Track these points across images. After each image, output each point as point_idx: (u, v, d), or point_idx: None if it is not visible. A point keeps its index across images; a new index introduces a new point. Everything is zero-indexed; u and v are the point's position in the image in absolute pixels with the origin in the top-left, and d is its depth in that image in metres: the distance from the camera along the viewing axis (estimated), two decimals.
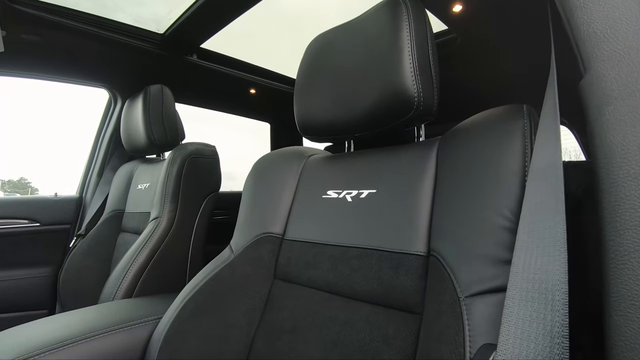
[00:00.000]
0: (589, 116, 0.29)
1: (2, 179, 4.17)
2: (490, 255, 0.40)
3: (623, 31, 0.27)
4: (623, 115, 0.26)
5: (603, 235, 0.28)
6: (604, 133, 0.27)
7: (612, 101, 0.27)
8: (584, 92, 0.30)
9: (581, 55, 0.30)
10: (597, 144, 0.28)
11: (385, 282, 0.52)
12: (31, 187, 6.42)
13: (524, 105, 0.45)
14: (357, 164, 0.66)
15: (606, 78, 0.28)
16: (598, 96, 0.28)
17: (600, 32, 0.28)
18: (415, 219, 0.52)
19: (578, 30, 0.30)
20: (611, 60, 0.27)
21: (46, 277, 1.33)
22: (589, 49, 0.29)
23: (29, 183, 6.36)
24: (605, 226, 0.27)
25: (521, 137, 0.42)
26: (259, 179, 0.78)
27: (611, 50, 0.28)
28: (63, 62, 1.24)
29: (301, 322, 0.60)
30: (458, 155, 0.50)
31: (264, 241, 0.71)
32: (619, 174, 0.26)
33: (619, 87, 0.27)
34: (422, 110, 0.55)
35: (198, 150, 1.15)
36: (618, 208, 0.26)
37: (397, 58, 0.55)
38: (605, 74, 0.28)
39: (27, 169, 6.18)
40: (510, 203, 0.40)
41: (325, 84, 0.65)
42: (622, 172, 0.26)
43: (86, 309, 0.80)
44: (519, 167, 0.41)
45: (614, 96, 0.27)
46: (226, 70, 1.47)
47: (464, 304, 0.38)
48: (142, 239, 1.00)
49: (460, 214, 0.45)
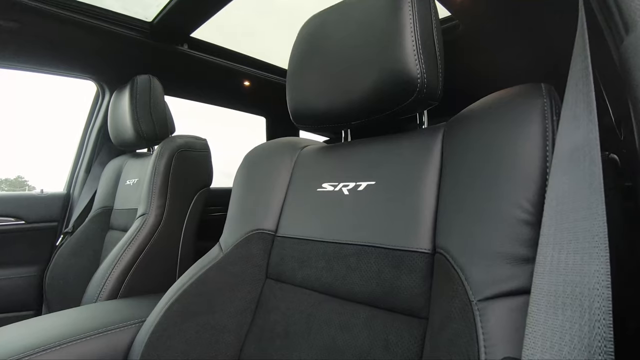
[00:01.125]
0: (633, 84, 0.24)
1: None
2: (507, 252, 0.35)
3: None
4: None
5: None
6: None
7: None
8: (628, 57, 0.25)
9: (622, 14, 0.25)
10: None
11: (386, 283, 0.47)
12: (28, 185, 6.31)
13: (542, 84, 0.40)
14: (355, 154, 0.60)
15: None
16: None
17: None
18: (418, 212, 0.47)
19: None
20: None
21: (32, 276, 1.28)
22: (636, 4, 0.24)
23: (26, 181, 6.29)
24: None
25: (540, 118, 0.37)
26: (250, 172, 0.73)
27: None
28: (45, 51, 1.18)
29: (294, 326, 0.55)
30: (467, 141, 0.44)
31: (254, 238, 0.66)
32: None
33: None
34: (426, 93, 0.50)
35: (187, 143, 1.09)
36: None
37: (398, 36, 0.49)
38: None
39: (24, 167, 6.04)
40: (529, 193, 0.35)
41: (319, 69, 0.60)
42: None
43: (65, 312, 0.75)
44: (538, 152, 0.36)
45: None
46: (219, 61, 1.41)
47: (477, 309, 0.33)
48: (127, 236, 0.95)
49: (471, 206, 0.40)
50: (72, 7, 1.05)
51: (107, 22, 1.12)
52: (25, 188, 2.11)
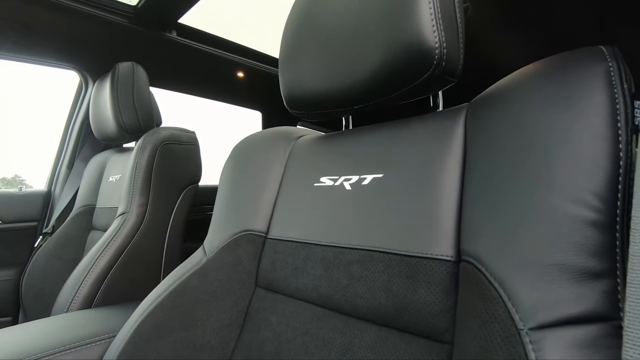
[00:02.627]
0: None
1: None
2: (567, 263, 0.26)
3: None
4: None
5: None
6: None
7: None
8: None
9: None
10: None
11: (398, 297, 0.38)
12: (25, 184, 6.26)
13: (603, 47, 0.31)
14: (358, 142, 0.52)
15: None
16: None
17: None
18: (437, 210, 0.38)
19: None
20: None
21: (9, 280, 1.19)
22: None
23: (24, 180, 6.21)
24: None
25: (606, 87, 0.28)
26: (238, 166, 0.65)
27: None
28: (20, 37, 1.08)
29: (287, 346, 0.47)
30: (500, 121, 0.36)
31: (242, 241, 0.57)
32: None
33: None
34: (444, 69, 0.41)
35: (173, 136, 1.00)
36: None
37: (410, 1, 0.41)
38: None
39: (21, 166, 5.93)
40: (595, 184, 0.26)
41: (316, 48, 0.52)
42: None
43: (29, 324, 0.66)
44: (606, 129, 0.27)
45: None
46: (210, 50, 1.32)
47: (529, 340, 0.25)
48: (104, 238, 0.86)
49: (509, 202, 0.31)
50: None
51: (88, 5, 1.03)
52: (23, 186, 2.01)
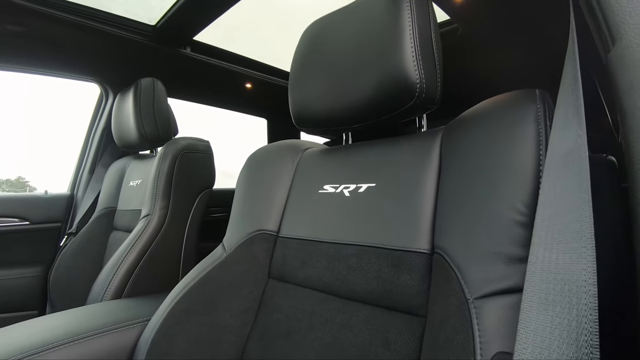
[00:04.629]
0: (620, 93, 0.26)
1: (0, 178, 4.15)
2: (502, 252, 0.36)
3: None
4: None
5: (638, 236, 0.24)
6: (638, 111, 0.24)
7: None
8: (613, 67, 0.26)
9: (608, 25, 0.27)
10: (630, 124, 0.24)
11: (386, 282, 0.48)
12: (29, 186, 6.34)
13: (536, 90, 0.41)
14: (355, 156, 0.62)
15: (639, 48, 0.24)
16: (630, 70, 0.25)
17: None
18: (417, 214, 0.48)
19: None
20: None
21: (36, 277, 1.29)
22: (619, 16, 0.25)
23: (27, 182, 6.32)
24: None
25: (534, 124, 0.38)
26: (253, 174, 0.75)
27: None
28: (50, 54, 1.20)
29: (296, 325, 0.56)
30: (464, 145, 0.46)
31: (257, 239, 0.67)
32: None
33: None
34: (425, 98, 0.51)
35: (191, 145, 1.10)
36: None
37: (397, 42, 0.51)
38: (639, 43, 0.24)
39: (25, 167, 6.09)
40: (524, 195, 0.36)
41: (321, 73, 0.62)
42: None
43: (72, 311, 0.76)
44: (533, 156, 0.37)
45: None
46: (221, 63, 1.43)
47: (473, 307, 0.35)
48: (132, 237, 0.96)
49: (468, 208, 0.41)
50: (77, 11, 1.06)
51: (111, 25, 1.14)
52: (27, 189, 2.12)
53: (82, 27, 1.08)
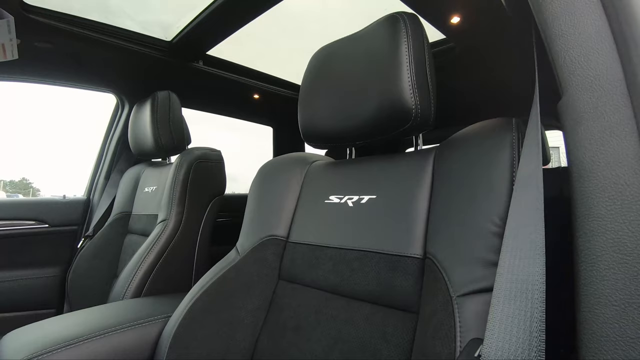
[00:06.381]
0: (565, 134, 0.33)
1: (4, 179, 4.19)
2: (481, 258, 0.43)
3: (594, 60, 0.31)
4: (593, 134, 0.30)
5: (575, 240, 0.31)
6: (577, 149, 0.31)
7: (584, 122, 0.30)
8: (561, 112, 0.33)
9: (559, 79, 0.34)
10: (572, 158, 0.32)
11: (384, 283, 0.55)
12: (33, 187, 6.42)
13: (513, 119, 0.49)
14: (358, 170, 0.69)
15: (579, 100, 0.31)
16: (572, 117, 0.32)
17: (575, 60, 0.32)
18: (412, 223, 0.55)
19: (557, 57, 0.33)
20: (584, 85, 0.31)
21: (54, 277, 1.36)
22: (566, 74, 0.32)
23: (31, 184, 6.38)
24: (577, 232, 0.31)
25: (509, 149, 0.46)
26: (264, 184, 0.82)
27: (584, 75, 0.31)
28: (73, 68, 1.28)
29: (304, 321, 0.63)
30: (453, 164, 0.53)
31: (268, 243, 0.74)
32: (588, 186, 0.29)
33: (590, 109, 0.30)
34: (420, 121, 0.59)
35: (204, 155, 1.18)
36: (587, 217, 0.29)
37: (396, 72, 0.58)
38: (579, 96, 0.31)
39: (29, 169, 6.27)
40: (499, 210, 0.44)
41: (328, 94, 0.69)
42: (591, 184, 0.29)
43: (96, 308, 0.83)
44: (507, 176, 0.44)
45: (585, 117, 0.30)
46: (231, 76, 1.51)
47: (456, 303, 0.42)
48: (150, 240, 1.04)
49: (454, 219, 0.48)
50: (98, 29, 1.15)
51: (130, 41, 1.22)
52: (30, 189, 2.20)
53: (104, 43, 1.17)
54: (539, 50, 0.41)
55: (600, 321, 0.27)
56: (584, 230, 0.30)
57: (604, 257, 0.28)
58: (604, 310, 0.27)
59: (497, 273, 0.36)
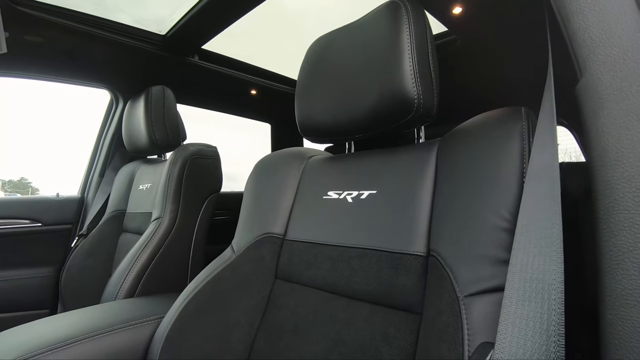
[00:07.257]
0: (585, 119, 0.30)
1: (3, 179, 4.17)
2: (489, 255, 0.40)
3: (618, 36, 0.28)
4: (617, 119, 0.27)
5: (598, 236, 0.28)
6: (599, 136, 0.28)
7: (607, 104, 0.28)
8: (580, 95, 0.31)
9: (577, 60, 0.31)
10: (593, 146, 0.29)
11: (385, 282, 0.52)
12: (32, 187, 6.42)
13: (522, 108, 0.46)
14: (358, 165, 0.66)
15: (601, 82, 0.28)
16: (593, 100, 0.29)
17: (596, 37, 0.29)
18: (414, 219, 0.53)
19: (575, 36, 0.31)
20: (606, 64, 0.28)
21: (48, 276, 1.34)
22: (585, 53, 0.30)
23: (30, 183, 6.37)
24: (600, 227, 0.28)
25: (519, 139, 0.43)
26: (261, 180, 0.79)
27: (606, 54, 0.28)
28: (65, 63, 1.25)
29: (302, 322, 0.61)
30: (458, 156, 0.50)
31: (265, 241, 0.71)
32: (613, 175, 0.26)
33: (613, 91, 0.27)
34: (422, 112, 0.56)
35: (199, 151, 1.15)
36: (612, 209, 0.26)
37: (397, 61, 0.55)
38: (601, 77, 0.28)
39: (27, 169, 6.14)
40: (508, 204, 0.41)
41: (326, 86, 0.66)
42: (616, 174, 0.26)
43: (88, 309, 0.80)
44: (517, 168, 0.42)
45: (608, 100, 0.27)
46: (227, 71, 1.48)
47: (463, 303, 0.39)
48: (143, 239, 1.01)
49: (460, 214, 0.45)
50: (91, 22, 1.12)
51: (123, 35, 1.19)
52: (29, 189, 2.19)
53: (97, 37, 1.13)
54: (552, 29, 0.39)
55: (628, 324, 0.24)
56: (608, 225, 0.27)
57: (632, 254, 0.25)
58: (631, 312, 0.25)
59: (509, 272, 0.33)
